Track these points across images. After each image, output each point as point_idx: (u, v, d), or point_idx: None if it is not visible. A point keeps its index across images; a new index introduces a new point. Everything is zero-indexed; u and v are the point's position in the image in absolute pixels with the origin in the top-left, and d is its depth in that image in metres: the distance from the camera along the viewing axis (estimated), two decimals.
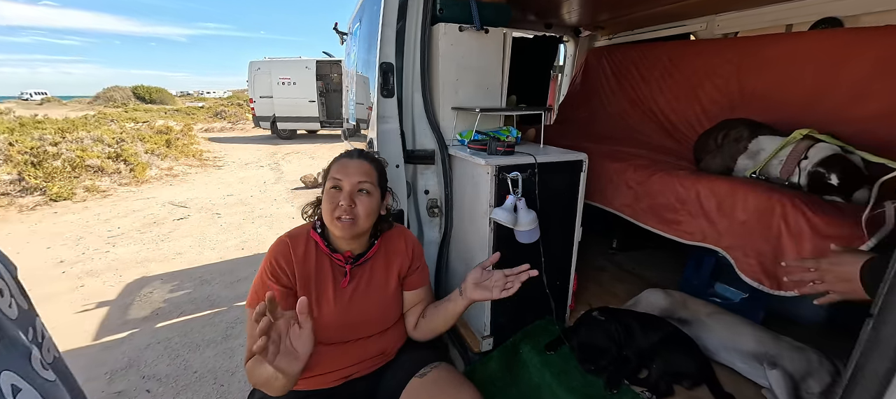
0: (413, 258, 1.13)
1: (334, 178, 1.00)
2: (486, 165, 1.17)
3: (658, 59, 2.29)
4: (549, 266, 1.35)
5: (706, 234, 1.41)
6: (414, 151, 1.48)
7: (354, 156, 1.03)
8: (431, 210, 1.56)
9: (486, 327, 1.37)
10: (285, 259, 1.01)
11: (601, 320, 1.33)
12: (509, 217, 1.13)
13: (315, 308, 1.02)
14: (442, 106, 1.45)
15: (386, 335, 1.12)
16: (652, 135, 2.19)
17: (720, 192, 1.35)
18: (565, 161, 1.30)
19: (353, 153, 1.04)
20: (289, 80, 10.46)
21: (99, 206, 4.86)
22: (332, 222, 1.00)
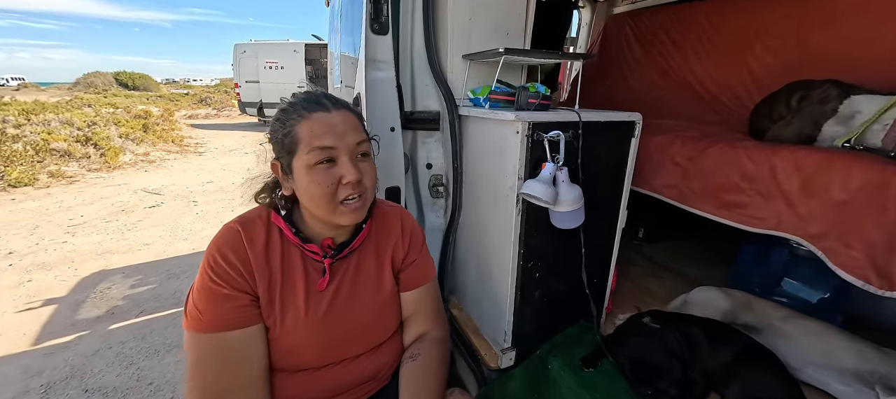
0: (410, 246, 0.82)
1: (323, 148, 0.66)
2: (516, 122, 0.85)
3: (694, 22, 1.99)
4: (589, 259, 1.05)
5: (782, 220, 1.12)
6: (414, 114, 1.15)
7: (330, 106, 0.70)
8: (435, 189, 1.24)
9: (507, 337, 1.07)
10: (237, 253, 0.69)
11: (656, 328, 1.04)
12: (547, 192, 0.81)
13: (280, 322, 0.70)
14: (450, 54, 1.12)
15: (379, 353, 0.82)
16: (687, 108, 1.88)
17: (807, 166, 1.05)
18: (615, 121, 0.99)
19: (324, 102, 0.69)
20: (276, 64, 9.97)
21: (63, 193, 4.43)
22: (335, 210, 0.69)
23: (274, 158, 0.73)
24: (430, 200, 1.27)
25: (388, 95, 1.03)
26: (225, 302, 0.66)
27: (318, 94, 0.71)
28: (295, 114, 0.68)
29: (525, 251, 0.95)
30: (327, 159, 0.67)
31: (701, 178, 1.30)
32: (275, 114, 0.72)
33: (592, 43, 2.62)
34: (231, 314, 0.66)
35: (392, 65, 1.02)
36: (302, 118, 0.67)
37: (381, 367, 0.81)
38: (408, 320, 0.86)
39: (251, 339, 0.68)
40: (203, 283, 0.67)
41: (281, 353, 0.71)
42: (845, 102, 1.11)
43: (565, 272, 1.05)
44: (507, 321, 1.05)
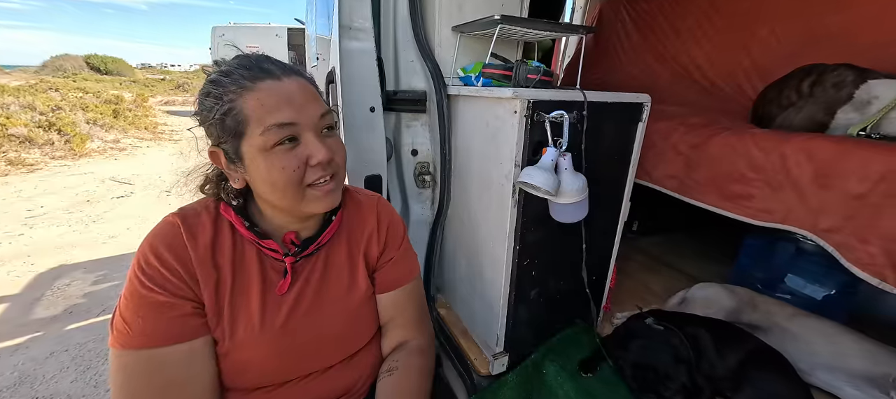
0: (388, 241, 0.71)
1: (282, 125, 0.53)
2: (514, 99, 0.73)
3: (694, 5, 1.90)
4: (589, 255, 0.96)
5: (791, 213, 1.05)
6: (397, 93, 1.03)
7: (278, 72, 0.56)
8: (421, 178, 1.13)
9: (499, 341, 0.97)
10: (175, 252, 0.56)
11: (659, 330, 0.96)
12: (549, 181, 0.71)
13: (229, 334, 0.58)
14: (439, 26, 0.99)
15: (353, 364, 0.71)
16: (685, 95, 1.80)
17: (821, 155, 0.98)
18: (622, 103, 0.88)
19: (270, 68, 0.56)
20: (257, 49, 9.48)
21: (22, 182, 4.13)
22: (303, 197, 0.58)
23: (212, 145, 0.59)
24: (416, 190, 1.15)
25: (367, 70, 0.90)
26: (160, 311, 0.54)
27: (258, 57, 0.58)
28: (234, 85, 0.54)
29: (521, 247, 0.85)
30: (289, 138, 0.55)
31: (705, 169, 1.22)
32: (202, 87, 0.57)
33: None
34: (168, 326, 0.54)
35: (371, 34, 0.89)
36: (246, 90, 0.53)
37: (355, 381, 0.71)
38: (386, 326, 0.75)
39: (194, 355, 0.56)
40: (133, 289, 0.54)
41: (232, 370, 0.60)
42: (862, 87, 1.04)
43: (564, 270, 0.95)
44: (500, 324, 0.95)
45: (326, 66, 1.07)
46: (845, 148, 0.95)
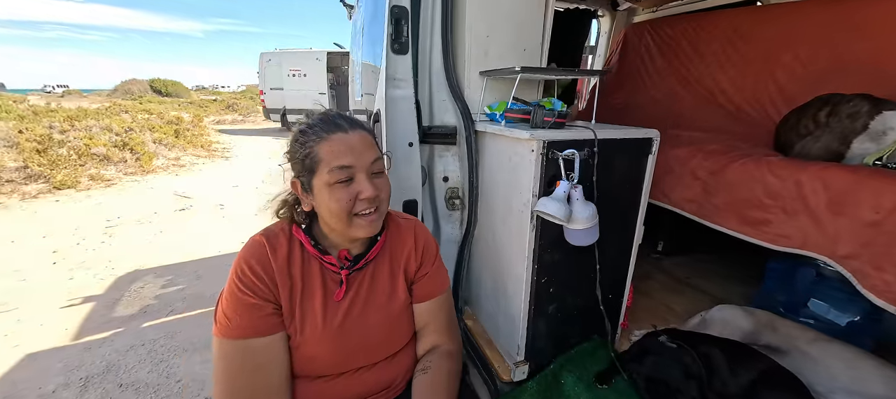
0: (423, 258, 0.85)
1: (342, 167, 0.70)
2: (531, 140, 0.87)
3: (719, 31, 1.94)
4: (604, 275, 1.05)
5: (808, 239, 1.08)
6: (431, 129, 1.19)
7: (347, 126, 0.73)
8: (451, 201, 1.27)
9: (520, 351, 1.08)
10: (262, 264, 0.73)
11: (672, 348, 1.02)
12: (561, 210, 0.82)
13: (300, 330, 0.74)
14: (468, 70, 1.14)
15: (394, 363, 0.84)
16: (710, 119, 1.84)
17: (836, 184, 1.02)
18: (632, 139, 0.98)
19: (341, 123, 0.73)
20: (299, 71, 10.28)
21: (102, 195, 4.71)
22: (349, 222, 0.73)
23: (294, 176, 0.77)
24: (447, 212, 1.30)
25: (407, 112, 1.07)
26: (251, 311, 0.71)
27: (334, 115, 0.75)
28: (314, 135, 0.71)
29: (539, 267, 0.96)
30: (347, 178, 0.71)
31: (723, 194, 1.28)
32: (293, 134, 0.76)
33: (612, 52, 2.60)
34: (256, 322, 0.71)
35: (411, 83, 1.05)
36: (322, 139, 0.71)
37: (395, 377, 0.84)
38: (420, 332, 0.88)
39: (274, 346, 0.72)
40: (231, 291, 0.72)
41: (301, 360, 0.75)
42: (877, 118, 1.07)
43: (580, 288, 1.05)
44: (521, 335, 1.06)
45: (372, 98, 1.25)
46: (859, 177, 0.99)
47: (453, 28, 1.11)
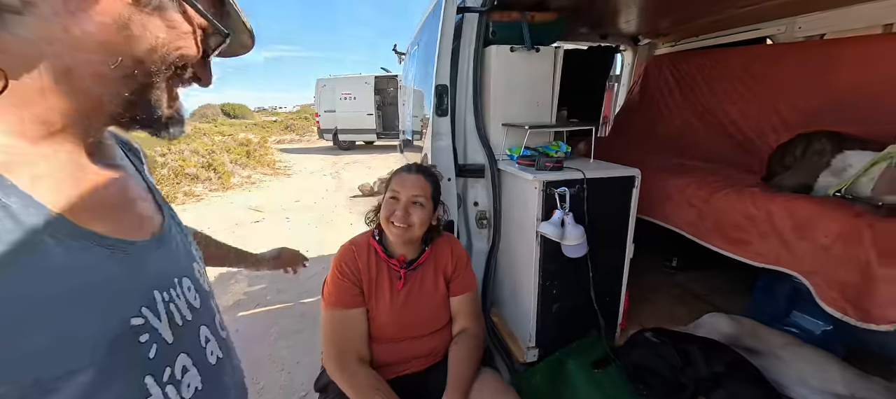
0: (456, 265, 1.20)
1: (393, 190, 1.11)
2: (534, 180, 1.21)
3: (729, 66, 2.14)
4: (599, 281, 1.34)
5: (780, 257, 1.30)
6: (465, 166, 1.56)
7: (413, 170, 1.14)
8: (480, 221, 1.63)
9: (531, 338, 1.39)
10: (351, 264, 1.14)
11: (654, 342, 1.28)
12: (556, 231, 1.15)
13: (375, 307, 1.13)
14: (492, 122, 1.51)
15: (435, 337, 1.20)
16: (722, 149, 2.03)
17: (798, 213, 1.24)
18: (616, 177, 1.29)
19: (412, 168, 1.14)
20: (350, 95, 11.24)
21: (194, 209, 5.65)
22: (387, 225, 1.11)
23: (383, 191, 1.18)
24: (477, 231, 1.65)
25: (446, 156, 1.46)
26: (346, 289, 1.11)
27: (415, 165, 1.15)
28: (398, 171, 1.14)
29: (543, 272, 1.29)
30: (394, 197, 1.10)
31: (713, 217, 1.51)
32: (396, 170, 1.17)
33: (634, 83, 2.83)
34: (347, 298, 1.11)
35: (450, 135, 1.44)
36: (397, 174, 1.13)
37: (436, 346, 1.20)
38: (454, 317, 1.23)
39: (359, 315, 1.12)
40: (333, 277, 1.13)
41: (375, 327, 1.14)
42: (838, 157, 1.27)
43: (578, 291, 1.35)
44: (532, 326, 1.38)
45: (416, 119, 1.64)
46: (817, 207, 1.21)
47: (481, 92, 1.49)
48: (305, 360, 2.26)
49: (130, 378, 0.37)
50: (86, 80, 0.36)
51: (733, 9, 1.99)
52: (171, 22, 0.39)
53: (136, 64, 0.38)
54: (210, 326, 0.50)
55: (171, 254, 0.47)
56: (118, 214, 0.42)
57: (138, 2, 0.36)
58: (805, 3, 1.82)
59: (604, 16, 2.29)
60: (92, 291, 0.35)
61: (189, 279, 0.48)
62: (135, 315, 0.38)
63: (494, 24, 1.42)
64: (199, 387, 0.45)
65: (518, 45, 1.41)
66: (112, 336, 0.35)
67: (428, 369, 1.18)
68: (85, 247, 0.35)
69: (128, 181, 0.47)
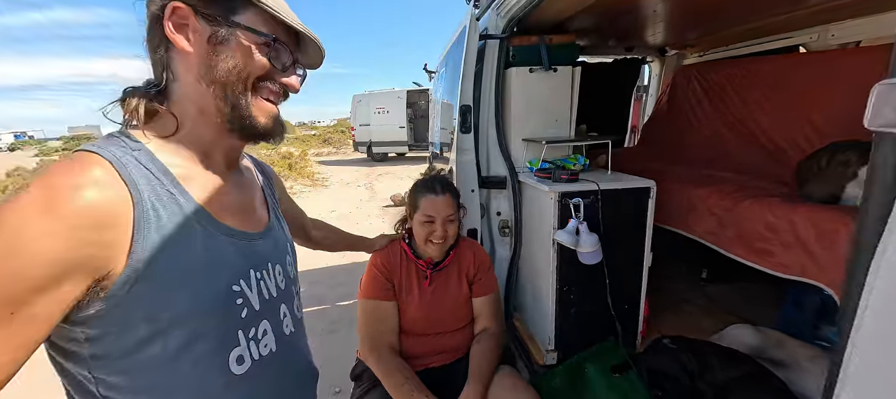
0: (479, 268, 1.31)
1: (427, 215, 1.21)
2: (550, 192, 1.31)
3: (761, 76, 2.11)
4: (616, 289, 1.40)
5: (806, 268, 1.29)
6: (488, 177, 1.68)
7: (439, 192, 1.23)
8: (503, 230, 1.73)
9: (550, 341, 1.47)
10: (385, 262, 1.29)
11: (671, 348, 1.32)
12: (571, 239, 1.24)
13: (405, 302, 1.27)
14: (513, 138, 1.63)
15: (458, 334, 1.31)
16: (753, 160, 2.00)
17: (821, 222, 1.24)
18: (631, 188, 1.35)
19: (435, 188, 1.23)
20: (383, 109, 11.74)
21: None
22: (427, 244, 1.23)
23: (407, 207, 1.31)
24: (500, 238, 1.76)
25: (470, 169, 1.59)
26: (380, 283, 1.25)
27: (433, 179, 1.27)
28: (421, 191, 1.25)
29: (560, 278, 1.37)
30: (429, 221, 1.23)
31: (734, 227, 1.51)
32: (415, 182, 1.30)
33: (662, 93, 2.82)
34: (382, 291, 1.25)
35: (473, 150, 1.57)
36: (423, 196, 1.24)
37: (459, 343, 1.31)
38: (476, 318, 1.34)
39: (392, 308, 1.26)
40: (369, 272, 1.28)
41: (406, 320, 1.27)
42: (863, 168, 1.25)
43: (594, 297, 1.41)
44: (551, 329, 1.45)
45: (445, 132, 1.76)
46: (838, 217, 1.20)
47: (503, 110, 1.61)
48: (340, 357, 2.44)
49: (229, 327, 0.53)
50: (210, 109, 0.52)
51: (765, 19, 1.98)
52: (240, 47, 0.51)
53: (224, 85, 0.51)
54: (288, 306, 0.65)
55: (272, 245, 0.63)
56: (241, 213, 0.60)
57: (213, 40, 0.50)
58: (839, 10, 1.78)
59: (629, 30, 2.34)
60: (216, 264, 0.52)
61: (281, 266, 0.64)
62: (235, 284, 0.54)
63: (514, 49, 1.54)
64: (273, 349, 0.60)
65: (537, 67, 1.53)
66: (222, 296, 0.52)
67: (452, 364, 1.30)
68: (215, 234, 0.53)
69: (252, 190, 0.66)
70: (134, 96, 0.51)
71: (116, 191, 0.43)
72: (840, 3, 1.65)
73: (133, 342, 0.46)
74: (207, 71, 0.50)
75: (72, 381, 0.48)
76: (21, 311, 0.38)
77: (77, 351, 0.45)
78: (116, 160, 0.45)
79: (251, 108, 0.54)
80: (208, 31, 0.49)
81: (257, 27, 0.51)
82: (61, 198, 0.39)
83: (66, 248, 0.39)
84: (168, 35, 0.48)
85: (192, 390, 0.51)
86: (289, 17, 0.53)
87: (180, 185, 0.50)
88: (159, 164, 0.49)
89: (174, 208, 0.48)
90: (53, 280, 0.39)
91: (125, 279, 0.43)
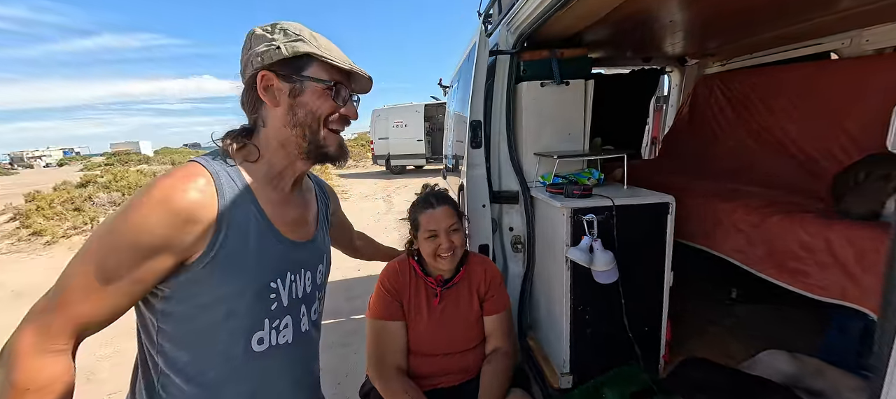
0: (490, 285, 1.28)
1: (430, 230, 1.20)
2: (562, 208, 1.27)
3: (788, 84, 2.01)
4: (634, 310, 1.33)
5: (846, 291, 1.19)
6: (500, 192, 1.66)
7: (436, 204, 1.22)
8: (515, 245, 1.69)
9: (566, 364, 1.40)
10: (394, 280, 1.27)
11: (697, 377, 1.23)
12: (585, 257, 1.19)
13: (413, 321, 1.25)
14: (525, 152, 1.60)
15: (469, 354, 1.28)
16: (783, 171, 1.90)
17: (859, 241, 1.14)
18: (648, 203, 1.30)
19: (433, 203, 1.22)
20: (402, 122, 11.92)
21: None
22: (436, 260, 1.21)
23: (410, 228, 1.30)
24: (513, 254, 1.72)
25: (481, 184, 1.57)
26: (388, 303, 1.24)
27: (428, 195, 1.26)
28: (419, 208, 1.24)
29: (574, 297, 1.31)
30: (432, 235, 1.21)
31: (764, 245, 1.42)
32: (412, 202, 1.30)
33: (683, 103, 2.73)
34: (390, 311, 1.23)
35: (484, 165, 1.56)
36: (422, 213, 1.23)
37: (469, 364, 1.27)
38: (488, 337, 1.30)
39: (399, 328, 1.24)
40: (378, 291, 1.27)
41: (414, 340, 1.25)
42: None
43: (611, 317, 1.35)
44: (566, 351, 1.39)
45: (461, 145, 1.75)
46: (879, 235, 1.10)
47: (514, 124, 1.59)
48: (354, 372, 2.42)
49: (259, 313, 0.66)
50: (290, 144, 0.67)
51: (792, 25, 1.89)
52: (312, 94, 0.65)
53: (304, 126, 0.66)
54: (309, 308, 0.76)
55: (309, 254, 0.75)
56: (293, 225, 0.72)
57: (292, 94, 0.64)
58: (874, 14, 1.68)
59: (645, 41, 2.30)
60: (263, 262, 0.65)
61: (311, 273, 0.75)
62: (272, 280, 0.66)
63: (525, 63, 1.53)
64: (289, 341, 0.71)
65: (548, 81, 1.51)
66: (261, 288, 0.65)
67: (462, 384, 1.26)
68: (269, 236, 0.66)
69: (308, 207, 0.79)
70: (229, 137, 0.67)
71: (210, 196, 0.59)
72: (875, 7, 1.56)
73: (192, 307, 0.61)
74: (292, 117, 0.65)
75: (142, 321, 0.64)
76: (132, 271, 0.54)
77: (153, 302, 0.61)
78: (215, 173, 0.61)
79: (326, 140, 0.68)
80: (288, 88, 0.64)
81: (321, 76, 0.65)
82: (173, 196, 0.56)
83: (167, 233, 0.55)
84: (261, 96, 0.64)
85: (219, 352, 0.64)
86: (342, 61, 0.66)
87: (253, 196, 0.65)
88: (242, 180, 0.64)
89: (245, 214, 0.63)
90: (155, 252, 0.55)
91: (199, 260, 0.58)
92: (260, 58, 0.63)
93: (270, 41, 0.63)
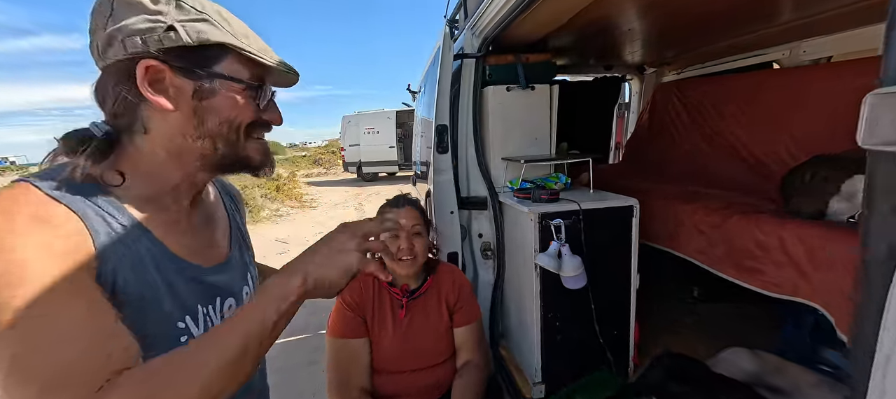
0: (459, 294, 1.22)
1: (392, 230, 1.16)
2: (530, 213, 1.24)
3: (737, 91, 2.12)
4: (603, 314, 1.32)
5: (798, 287, 1.23)
6: (468, 198, 1.61)
7: (402, 204, 1.18)
8: (485, 252, 1.65)
9: (537, 373, 1.37)
10: (354, 294, 1.19)
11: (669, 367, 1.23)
12: (553, 263, 1.17)
13: (377, 336, 1.17)
14: (493, 157, 1.58)
15: (437, 370, 1.21)
16: (734, 172, 1.99)
17: (810, 239, 1.19)
18: (614, 207, 1.30)
19: (399, 203, 1.18)
20: (373, 129, 11.75)
21: None
22: (395, 263, 1.15)
23: None
24: (483, 261, 1.68)
25: (449, 189, 1.52)
26: (349, 320, 1.15)
27: (395, 198, 1.20)
28: (384, 210, 1.19)
29: (544, 304, 1.29)
30: (394, 235, 1.15)
31: (723, 245, 1.46)
32: (380, 207, 1.23)
33: (643, 110, 2.83)
34: (351, 328, 1.15)
35: (451, 170, 1.51)
36: (387, 212, 1.17)
37: (440, 379, 1.21)
38: (458, 349, 1.24)
39: (362, 345, 1.15)
40: (338, 307, 1.18)
41: (378, 357, 1.17)
42: (847, 182, 1.22)
43: (582, 323, 1.33)
44: (537, 359, 1.36)
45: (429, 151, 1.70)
46: (828, 234, 1.15)
47: (481, 129, 1.56)
48: (321, 392, 2.28)
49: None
50: (190, 155, 0.52)
51: (738, 37, 2.00)
52: (226, 98, 0.50)
53: (216, 137, 0.51)
54: None
55: (227, 278, 0.61)
56: (196, 246, 0.57)
57: (198, 96, 0.48)
58: (809, 27, 1.81)
59: (606, 49, 2.36)
60: (166, 300, 0.50)
61: (234, 300, 0.61)
62: (180, 321, 0.51)
63: (491, 68, 1.51)
64: None
65: (514, 85, 1.49)
66: (166, 330, 0.50)
67: None
68: (168, 268, 0.51)
69: (213, 223, 0.63)
70: (80, 151, 0.46)
71: (77, 238, 0.43)
72: (810, 21, 1.67)
73: None
74: (197, 126, 0.49)
75: None
76: None
77: None
78: (73, 204, 0.44)
79: (246, 150, 0.54)
80: (190, 87, 0.48)
81: (239, 74, 0.50)
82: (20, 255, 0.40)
83: None
84: (147, 97, 0.46)
85: None
86: (268, 56, 0.52)
87: (137, 221, 0.49)
88: (117, 205, 0.47)
89: (134, 248, 0.47)
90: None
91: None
92: (139, 39, 0.44)
93: (153, 15, 0.45)
